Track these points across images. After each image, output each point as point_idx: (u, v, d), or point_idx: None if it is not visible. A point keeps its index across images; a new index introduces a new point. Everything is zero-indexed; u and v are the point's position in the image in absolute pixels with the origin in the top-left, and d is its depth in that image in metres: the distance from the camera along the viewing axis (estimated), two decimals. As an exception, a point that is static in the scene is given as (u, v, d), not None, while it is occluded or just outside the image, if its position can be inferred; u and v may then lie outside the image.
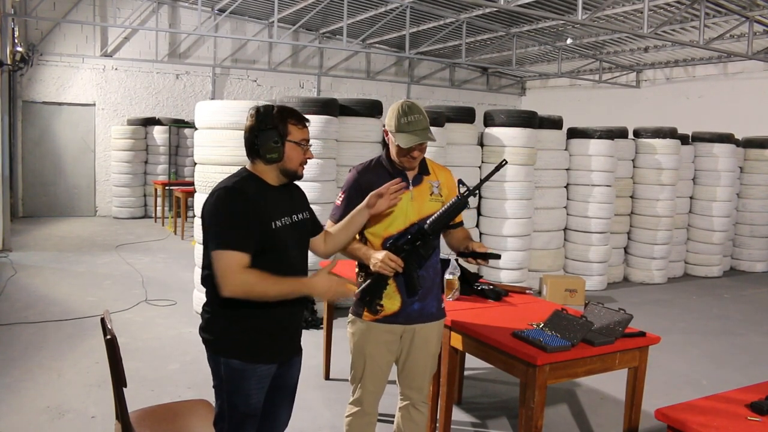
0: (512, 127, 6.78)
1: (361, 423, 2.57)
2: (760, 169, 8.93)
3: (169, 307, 5.84)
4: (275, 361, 2.14)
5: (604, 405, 4.00)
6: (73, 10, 11.48)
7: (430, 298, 2.53)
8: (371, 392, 2.56)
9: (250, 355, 2.07)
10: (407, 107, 2.43)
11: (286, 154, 2.09)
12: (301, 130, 2.13)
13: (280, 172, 2.12)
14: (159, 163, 12.09)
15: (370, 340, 2.51)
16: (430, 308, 2.55)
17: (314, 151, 5.55)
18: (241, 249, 1.97)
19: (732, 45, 10.05)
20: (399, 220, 2.46)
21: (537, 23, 11.08)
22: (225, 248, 1.96)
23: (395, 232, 2.46)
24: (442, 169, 2.65)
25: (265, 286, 1.99)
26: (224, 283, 1.95)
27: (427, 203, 2.50)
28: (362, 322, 2.53)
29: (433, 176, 2.57)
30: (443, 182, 2.57)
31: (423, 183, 2.53)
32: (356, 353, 2.56)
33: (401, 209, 2.46)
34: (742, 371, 4.77)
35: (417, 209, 2.48)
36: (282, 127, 2.08)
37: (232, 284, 1.95)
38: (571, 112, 12.47)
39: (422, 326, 2.54)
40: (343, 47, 11.53)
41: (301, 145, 2.13)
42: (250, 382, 2.08)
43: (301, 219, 2.21)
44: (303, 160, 2.16)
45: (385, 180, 2.46)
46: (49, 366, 4.27)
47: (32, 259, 7.66)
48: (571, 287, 6.58)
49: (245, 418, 2.11)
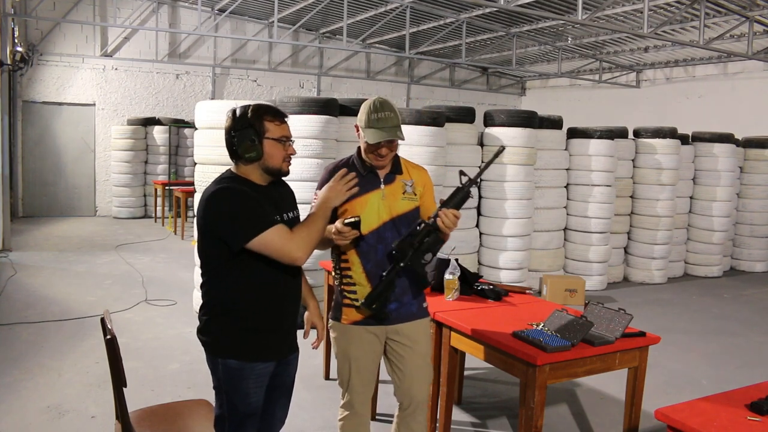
0: (512, 127, 6.78)
1: (354, 424, 2.54)
2: (760, 169, 8.93)
3: (169, 307, 5.84)
4: (273, 359, 2.14)
5: (604, 405, 4.00)
6: (73, 10, 11.48)
7: (407, 297, 2.49)
8: (360, 393, 2.53)
9: (247, 354, 2.08)
10: (378, 104, 2.40)
11: (265, 151, 2.07)
12: (279, 127, 2.11)
13: (263, 170, 2.11)
14: (159, 163, 12.09)
15: (351, 342, 2.49)
16: (409, 307, 2.50)
17: (314, 151, 5.60)
18: (273, 224, 2.00)
19: (732, 45, 10.05)
20: (371, 219, 2.42)
21: (537, 23, 11.08)
22: (261, 231, 1.98)
23: (368, 232, 2.41)
24: (416, 168, 2.59)
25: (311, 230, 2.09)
26: (291, 252, 2.01)
27: (400, 202, 2.47)
28: (341, 325, 2.51)
29: (407, 175, 2.52)
30: (417, 181, 2.53)
31: (395, 182, 2.49)
32: (341, 357, 2.54)
33: (373, 208, 2.43)
34: (742, 371, 4.77)
35: (389, 208, 2.45)
36: (258, 125, 2.07)
37: (296, 250, 2.01)
38: (571, 112, 12.48)
39: (404, 326, 2.49)
40: (343, 47, 11.53)
41: (281, 141, 2.10)
42: (249, 382, 2.08)
43: (291, 218, 2.19)
44: (285, 156, 2.12)
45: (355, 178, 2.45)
46: (49, 366, 4.27)
47: (32, 259, 7.66)
48: (571, 287, 6.58)
49: (245, 418, 2.11)
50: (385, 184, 2.47)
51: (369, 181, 2.46)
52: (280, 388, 2.24)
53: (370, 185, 2.46)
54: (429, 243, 2.36)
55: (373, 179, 2.47)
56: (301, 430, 3.44)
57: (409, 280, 2.46)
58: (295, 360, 2.29)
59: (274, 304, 2.12)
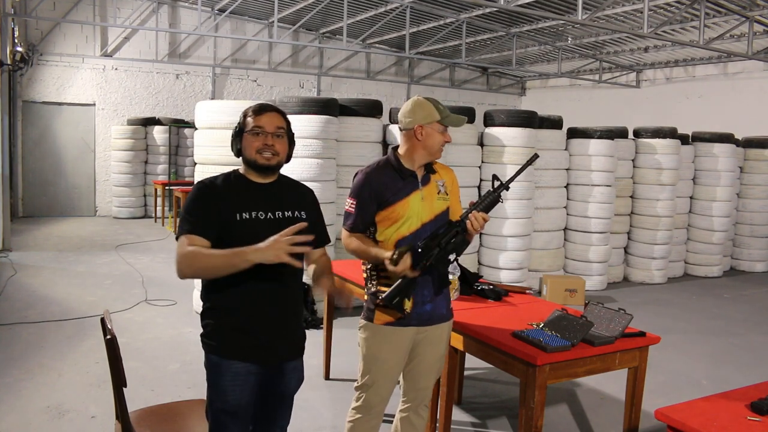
0: (512, 127, 6.78)
1: (369, 426, 2.54)
2: (760, 169, 8.93)
3: (169, 307, 5.84)
4: (250, 360, 2.12)
5: (604, 405, 4.00)
6: (73, 10, 11.47)
7: (440, 298, 2.51)
8: (383, 395, 2.52)
9: (224, 351, 2.12)
10: (431, 99, 2.50)
11: (243, 145, 2.15)
12: (255, 119, 2.13)
13: (246, 165, 2.17)
14: (159, 163, 12.09)
15: (384, 344, 2.47)
16: (440, 309, 2.52)
17: (314, 151, 5.61)
18: (194, 233, 2.03)
19: (732, 45, 10.05)
20: (412, 221, 2.43)
21: (537, 23, 11.07)
22: (182, 234, 2.04)
23: (407, 234, 2.42)
24: (444, 167, 2.63)
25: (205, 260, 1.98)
26: (176, 266, 2.02)
27: (436, 202, 2.48)
28: (375, 326, 2.48)
29: (438, 175, 2.54)
30: (447, 181, 2.56)
31: (431, 182, 2.50)
32: (369, 359, 2.50)
33: (414, 210, 2.43)
34: (742, 371, 4.77)
35: (428, 209, 2.46)
36: (242, 122, 2.16)
37: (179, 264, 2.00)
38: (571, 112, 12.47)
39: (434, 327, 2.51)
40: (343, 47, 11.53)
41: (254, 133, 2.12)
42: (225, 378, 2.11)
43: (288, 218, 2.15)
44: (259, 147, 2.11)
45: (395, 181, 2.44)
46: (49, 366, 4.27)
47: (32, 259, 7.66)
48: (571, 287, 6.58)
49: (220, 413, 2.13)
50: (422, 186, 2.48)
51: (409, 184, 2.46)
52: (276, 395, 2.23)
53: (410, 187, 2.46)
54: (455, 244, 2.37)
55: (412, 181, 2.47)
56: (301, 430, 3.44)
57: (433, 280, 2.45)
58: (294, 371, 2.25)
59: (256, 307, 2.11)
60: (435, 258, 2.35)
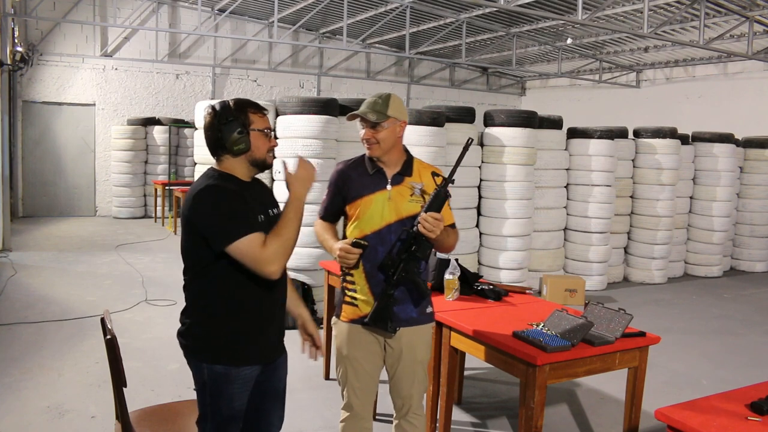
0: (512, 127, 6.78)
1: (356, 427, 2.49)
2: (760, 169, 8.93)
3: (168, 307, 5.84)
4: (258, 363, 2.11)
5: (604, 405, 4.00)
6: (73, 10, 11.48)
7: (406, 302, 2.44)
8: (358, 395, 2.48)
9: (233, 358, 2.04)
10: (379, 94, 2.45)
11: (252, 143, 2.05)
12: (261, 119, 2.09)
13: (250, 163, 2.08)
14: (159, 163, 12.09)
15: (348, 341, 2.46)
16: (408, 312, 2.44)
17: (314, 151, 5.60)
18: (251, 231, 1.95)
19: (732, 45, 10.05)
20: (375, 220, 2.40)
21: (537, 23, 11.08)
22: (239, 237, 1.92)
23: (369, 232, 2.39)
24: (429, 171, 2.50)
25: (285, 239, 1.97)
26: (264, 265, 1.93)
27: (406, 204, 2.41)
28: (341, 323, 2.50)
29: (417, 178, 2.46)
30: (428, 184, 2.43)
31: (403, 183, 2.44)
32: (338, 355, 2.52)
33: (376, 209, 2.40)
34: (742, 371, 4.77)
35: (395, 209, 2.41)
36: (243, 117, 2.04)
37: (269, 260, 1.93)
38: (571, 112, 12.48)
39: (403, 330, 2.43)
40: (343, 47, 11.52)
41: (265, 133, 2.09)
42: (234, 386, 2.05)
43: (275, 215, 2.14)
44: (269, 148, 2.11)
45: (362, 177, 2.44)
46: (49, 366, 4.27)
47: (32, 259, 7.66)
48: (571, 287, 6.58)
49: (229, 420, 2.08)
50: (392, 185, 2.43)
51: (376, 181, 2.43)
52: (270, 393, 2.21)
53: (376, 185, 2.43)
54: (417, 251, 2.34)
55: (380, 179, 2.44)
56: (300, 430, 3.44)
57: (408, 288, 2.43)
58: (283, 363, 2.24)
59: (261, 308, 2.08)
60: (403, 270, 2.34)
